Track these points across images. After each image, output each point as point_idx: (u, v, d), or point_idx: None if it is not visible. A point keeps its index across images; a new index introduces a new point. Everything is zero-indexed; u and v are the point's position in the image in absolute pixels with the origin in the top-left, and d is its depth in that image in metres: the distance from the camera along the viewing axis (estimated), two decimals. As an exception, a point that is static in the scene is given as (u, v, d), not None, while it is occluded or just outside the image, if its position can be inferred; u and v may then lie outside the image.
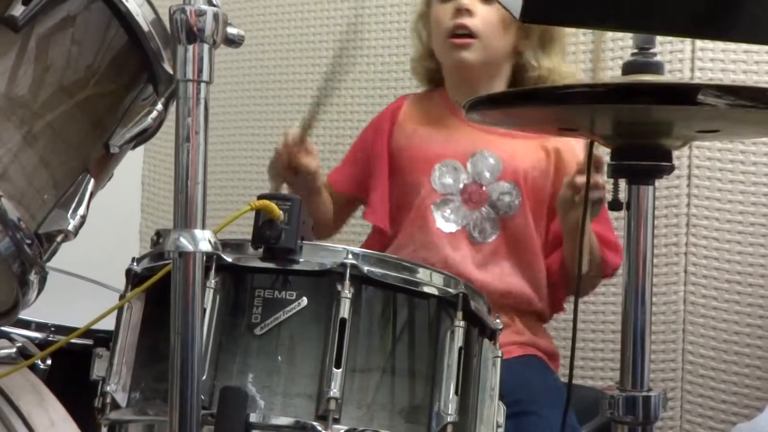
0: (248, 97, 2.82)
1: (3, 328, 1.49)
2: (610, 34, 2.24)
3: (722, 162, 2.20)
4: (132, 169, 2.95)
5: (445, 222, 1.90)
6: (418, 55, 2.06)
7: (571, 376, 1.42)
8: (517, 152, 1.91)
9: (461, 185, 1.91)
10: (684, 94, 1.09)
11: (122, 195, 1.89)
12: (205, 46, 0.99)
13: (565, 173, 1.87)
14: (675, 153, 1.31)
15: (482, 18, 1.87)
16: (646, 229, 1.29)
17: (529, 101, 1.22)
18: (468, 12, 1.86)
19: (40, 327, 1.64)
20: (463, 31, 1.87)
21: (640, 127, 1.25)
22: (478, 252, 1.89)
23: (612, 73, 2.24)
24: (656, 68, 1.26)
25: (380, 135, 2.03)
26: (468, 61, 1.89)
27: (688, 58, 2.20)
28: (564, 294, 1.96)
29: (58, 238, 1.19)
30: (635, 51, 1.27)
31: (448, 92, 2.01)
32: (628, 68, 1.27)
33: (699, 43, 2.19)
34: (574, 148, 1.91)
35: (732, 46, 2.15)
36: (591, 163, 1.45)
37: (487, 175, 1.90)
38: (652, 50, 1.26)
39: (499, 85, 1.95)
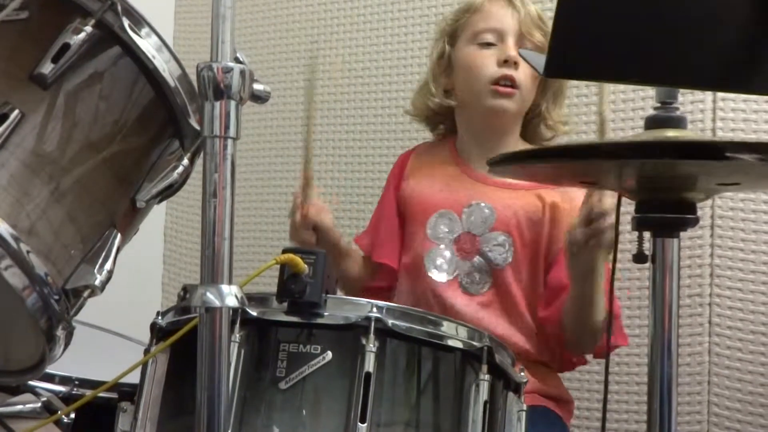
0: (270, 149, 2.84)
1: (28, 382, 1.50)
2: (627, 88, 2.26)
3: (745, 212, 2.19)
4: (154, 220, 2.96)
5: (437, 271, 1.91)
6: (428, 99, 2.03)
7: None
8: (511, 203, 1.91)
9: (455, 235, 1.91)
10: (711, 151, 1.09)
11: (144, 246, 1.89)
12: (232, 103, 1.00)
13: (562, 224, 1.87)
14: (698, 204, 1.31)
15: (523, 71, 1.89)
16: (671, 282, 1.28)
17: (555, 158, 1.23)
18: (515, 64, 1.88)
19: (64, 380, 1.64)
20: (507, 82, 1.88)
21: (664, 181, 1.25)
22: (470, 302, 1.88)
23: (633, 123, 2.24)
24: (679, 123, 1.26)
25: (389, 190, 2.08)
26: (508, 111, 1.91)
27: (709, 109, 2.20)
28: (565, 349, 1.92)
29: (85, 294, 1.20)
30: (657, 105, 1.27)
31: (461, 140, 2.02)
32: (651, 123, 1.27)
33: (720, 93, 2.19)
34: (572, 198, 1.90)
35: (753, 96, 2.15)
36: (619, 216, 1.44)
37: (481, 225, 1.90)
38: (674, 104, 1.26)
39: (514, 137, 1.97)
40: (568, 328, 1.84)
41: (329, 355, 1.23)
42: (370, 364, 1.21)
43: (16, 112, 1.16)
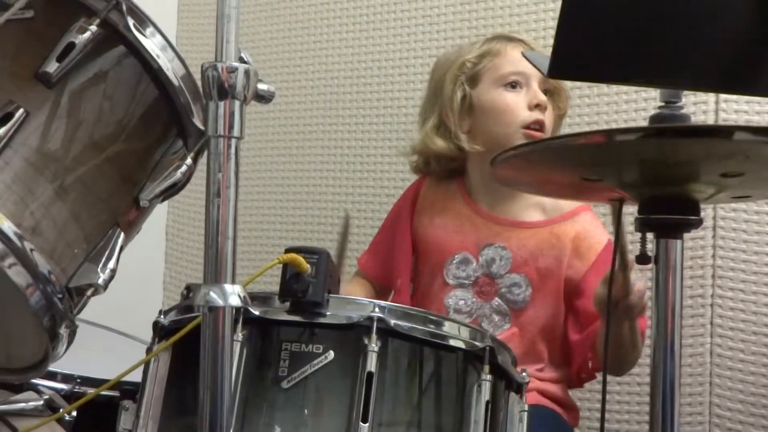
0: (273, 149, 2.84)
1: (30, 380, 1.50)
2: (630, 89, 2.26)
3: (747, 213, 2.19)
4: (156, 219, 2.97)
5: (456, 314, 1.93)
6: (448, 141, 1.99)
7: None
8: (527, 243, 1.92)
9: (473, 278, 1.93)
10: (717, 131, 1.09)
11: (146, 245, 1.90)
12: (236, 102, 1.00)
13: (580, 253, 1.90)
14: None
15: (548, 115, 1.92)
16: (674, 283, 1.28)
17: (558, 151, 1.23)
18: (545, 108, 1.90)
19: (66, 378, 1.64)
20: (537, 126, 1.90)
21: (666, 167, 1.24)
22: None
23: (636, 125, 2.24)
24: (682, 120, 1.26)
25: (402, 222, 2.07)
26: None
27: (712, 110, 2.20)
28: (589, 372, 1.92)
29: (88, 292, 1.20)
30: (662, 105, 1.27)
31: (471, 182, 2.02)
32: (655, 121, 1.27)
33: (723, 95, 2.19)
34: (587, 230, 1.92)
35: (757, 97, 2.15)
36: (620, 221, 1.44)
37: (498, 267, 1.92)
38: (678, 104, 1.27)
39: None
40: (600, 356, 1.83)
41: (331, 354, 1.23)
42: (372, 364, 1.21)
43: (21, 110, 1.16)
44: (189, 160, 1.28)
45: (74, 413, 1.52)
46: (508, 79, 1.92)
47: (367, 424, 1.18)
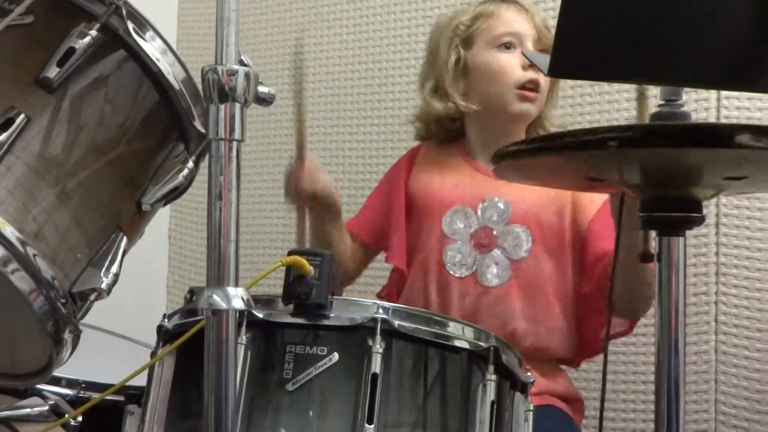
0: (274, 151, 2.84)
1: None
2: (631, 87, 2.25)
3: (751, 210, 2.19)
4: (159, 223, 2.97)
5: (456, 267, 1.92)
6: (444, 104, 2.01)
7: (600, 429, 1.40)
8: (527, 196, 1.92)
9: (471, 230, 1.92)
10: (719, 136, 1.09)
11: (149, 249, 1.90)
12: (237, 105, 1.01)
13: (582, 207, 1.92)
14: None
15: (542, 75, 1.91)
16: (678, 281, 1.28)
17: (559, 149, 1.22)
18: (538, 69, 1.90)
19: (70, 383, 1.64)
20: (531, 86, 1.91)
21: (669, 172, 1.24)
22: (486, 295, 1.89)
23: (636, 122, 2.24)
24: (683, 118, 1.26)
25: (399, 180, 2.07)
26: (531, 114, 1.96)
27: (713, 107, 2.20)
28: (605, 324, 1.88)
29: (92, 297, 1.20)
30: (662, 102, 1.27)
31: (469, 142, 2.03)
32: (656, 119, 1.27)
33: (724, 91, 2.19)
34: (591, 198, 1.91)
35: (758, 94, 2.15)
36: (623, 214, 1.44)
37: (497, 219, 1.91)
38: (678, 101, 1.26)
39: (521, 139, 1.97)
40: (618, 292, 1.72)
41: (336, 356, 1.23)
42: (376, 365, 1.21)
43: (22, 116, 1.16)
44: (191, 164, 1.28)
45: (79, 418, 1.52)
46: (501, 40, 1.94)
47: (373, 426, 1.18)
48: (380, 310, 1.24)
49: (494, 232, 1.91)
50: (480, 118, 1.99)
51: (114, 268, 1.22)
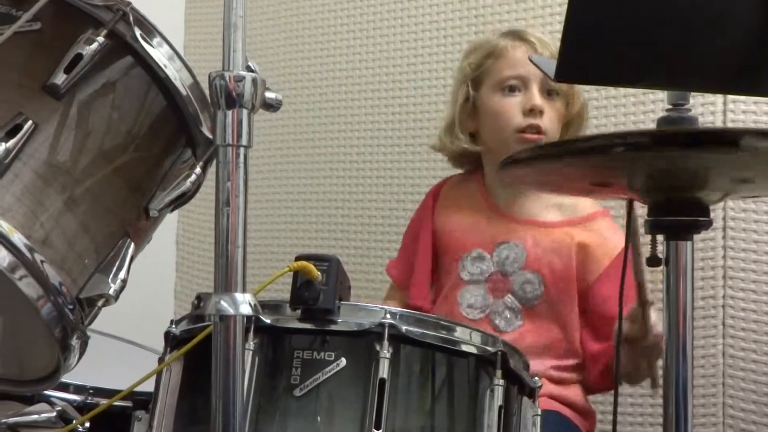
0: (282, 157, 2.85)
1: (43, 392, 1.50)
2: (637, 91, 2.26)
3: (758, 213, 2.18)
4: (166, 229, 2.97)
5: (469, 309, 1.93)
6: (454, 142, 2.02)
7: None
8: (541, 241, 1.92)
9: (486, 274, 1.94)
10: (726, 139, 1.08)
11: (157, 254, 1.90)
12: (244, 111, 1.01)
13: (593, 259, 1.90)
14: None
15: (548, 116, 1.91)
16: (685, 285, 1.28)
17: (566, 155, 1.22)
18: (540, 112, 1.90)
19: (78, 389, 1.65)
20: (533, 130, 1.90)
21: (675, 176, 1.24)
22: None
23: (644, 126, 2.24)
24: (690, 123, 1.26)
25: (425, 217, 2.09)
26: None
27: (720, 111, 2.20)
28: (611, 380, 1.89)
29: (99, 303, 1.21)
30: (669, 107, 1.27)
31: (488, 178, 2.03)
32: (663, 124, 1.27)
33: (731, 96, 2.18)
34: (604, 236, 1.92)
35: (764, 98, 2.14)
36: (631, 225, 1.44)
37: (511, 264, 1.92)
38: (685, 106, 1.26)
39: None
40: (623, 371, 1.79)
41: (343, 361, 1.23)
42: (384, 371, 1.20)
43: (30, 122, 1.16)
44: (198, 170, 1.28)
45: (87, 424, 1.52)
46: (506, 83, 1.93)
47: (381, 431, 1.18)
48: (388, 315, 1.24)
49: (508, 278, 1.92)
50: (492, 156, 1.98)
51: (122, 274, 1.22)
